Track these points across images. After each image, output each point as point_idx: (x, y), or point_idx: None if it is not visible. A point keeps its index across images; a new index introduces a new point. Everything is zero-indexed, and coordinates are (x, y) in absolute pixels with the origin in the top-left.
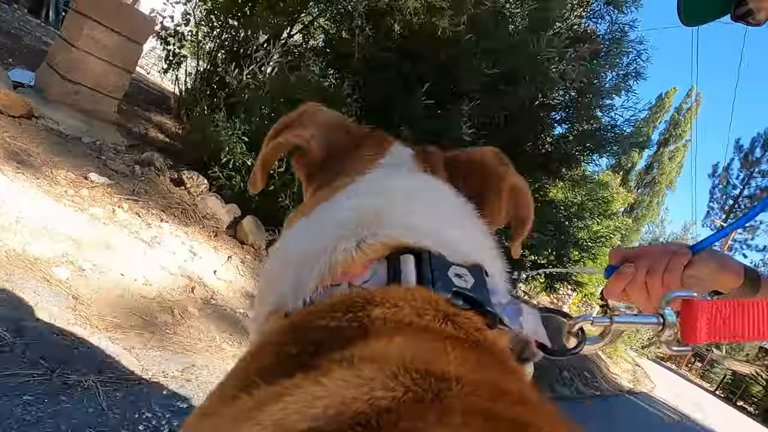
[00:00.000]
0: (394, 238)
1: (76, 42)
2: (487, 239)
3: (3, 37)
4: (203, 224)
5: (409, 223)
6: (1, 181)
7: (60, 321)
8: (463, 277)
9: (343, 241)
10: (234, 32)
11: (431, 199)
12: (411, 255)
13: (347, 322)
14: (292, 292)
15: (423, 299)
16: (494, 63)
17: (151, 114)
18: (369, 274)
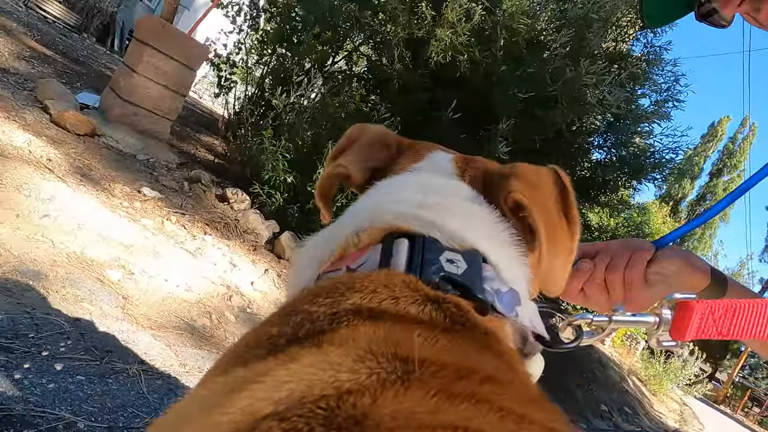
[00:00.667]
0: (392, 224)
1: (137, 68)
2: (501, 235)
3: (73, 63)
4: (244, 238)
5: (411, 211)
6: (66, 191)
7: (110, 317)
8: (456, 263)
9: (346, 227)
10: (281, 59)
11: (446, 197)
12: (405, 239)
13: (325, 308)
14: (303, 276)
15: (403, 284)
16: (529, 89)
17: (200, 135)
18: (364, 258)
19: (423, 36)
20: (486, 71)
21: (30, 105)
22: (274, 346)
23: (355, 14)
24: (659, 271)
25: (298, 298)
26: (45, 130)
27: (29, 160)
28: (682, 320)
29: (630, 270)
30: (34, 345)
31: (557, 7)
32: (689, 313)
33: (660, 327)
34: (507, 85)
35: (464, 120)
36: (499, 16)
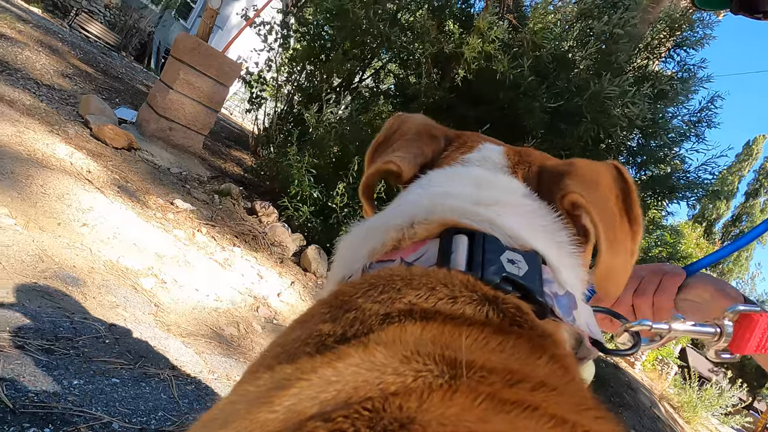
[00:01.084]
0: (450, 219)
1: (173, 84)
2: (558, 235)
3: (112, 80)
4: (271, 251)
5: (468, 207)
6: (104, 202)
7: (143, 323)
8: (517, 263)
9: (399, 217)
10: (310, 77)
11: (502, 194)
12: (464, 236)
13: (378, 305)
14: (350, 263)
15: (462, 283)
16: (556, 103)
17: (231, 149)
18: (421, 251)
19: (451, 52)
20: (513, 84)
21: (72, 119)
22: (323, 344)
23: (383, 32)
24: (690, 298)
25: (352, 290)
26: (85, 144)
27: (70, 172)
28: (743, 333)
29: (659, 295)
30: (73, 348)
31: (584, 24)
32: (752, 325)
33: (721, 339)
34: (533, 98)
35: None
36: (526, 33)
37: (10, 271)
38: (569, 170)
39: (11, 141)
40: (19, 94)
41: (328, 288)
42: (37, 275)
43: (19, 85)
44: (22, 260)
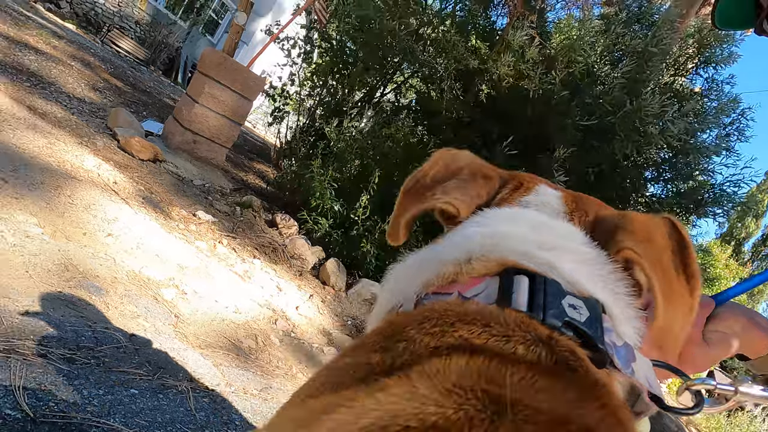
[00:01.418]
0: (509, 259)
1: (198, 98)
2: (615, 285)
3: (140, 94)
4: (290, 263)
5: (528, 249)
6: (128, 212)
7: (163, 334)
8: (578, 309)
9: (456, 251)
10: (332, 91)
11: (561, 239)
12: (525, 276)
13: (430, 338)
14: (403, 293)
15: (517, 322)
16: (589, 121)
17: (253, 162)
18: (480, 287)
19: (475, 68)
20: (543, 100)
21: (101, 132)
22: (370, 373)
23: (406, 47)
24: (720, 330)
25: (405, 321)
26: (113, 155)
27: (97, 183)
28: None
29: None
30: (94, 357)
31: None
32: None
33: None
34: (566, 114)
35: (518, 153)
36: (552, 49)
37: (37, 279)
38: (623, 224)
39: (42, 152)
40: (52, 106)
41: (377, 313)
42: (62, 284)
43: (51, 98)
44: (48, 269)
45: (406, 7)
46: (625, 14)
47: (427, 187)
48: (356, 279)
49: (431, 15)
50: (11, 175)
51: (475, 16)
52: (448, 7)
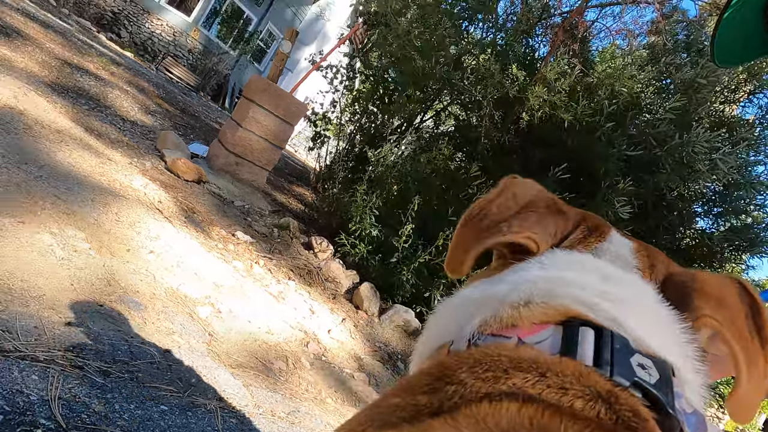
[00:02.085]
0: (573, 309)
1: (242, 122)
2: (686, 348)
3: (189, 118)
4: (324, 286)
5: (596, 301)
6: (171, 231)
7: (196, 351)
8: (647, 369)
9: (514, 294)
10: (373, 117)
11: (633, 295)
12: (591, 329)
13: (482, 383)
14: (457, 331)
15: (575, 375)
16: (634, 151)
17: (293, 185)
18: (542, 335)
19: (515, 95)
20: (585, 129)
21: (150, 153)
22: (417, 414)
23: (445, 75)
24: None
25: (457, 363)
26: (159, 176)
27: (143, 201)
28: None
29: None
30: (128, 371)
31: (660, 69)
32: None
33: None
34: (610, 144)
35: (561, 181)
36: (594, 78)
37: (80, 292)
38: (697, 286)
39: (95, 171)
40: (107, 128)
41: (424, 348)
42: (104, 298)
43: (107, 121)
44: (92, 283)
45: (446, 36)
46: (672, 43)
47: (496, 217)
48: (390, 304)
49: (472, 44)
50: (65, 191)
51: (515, 44)
52: (488, 36)
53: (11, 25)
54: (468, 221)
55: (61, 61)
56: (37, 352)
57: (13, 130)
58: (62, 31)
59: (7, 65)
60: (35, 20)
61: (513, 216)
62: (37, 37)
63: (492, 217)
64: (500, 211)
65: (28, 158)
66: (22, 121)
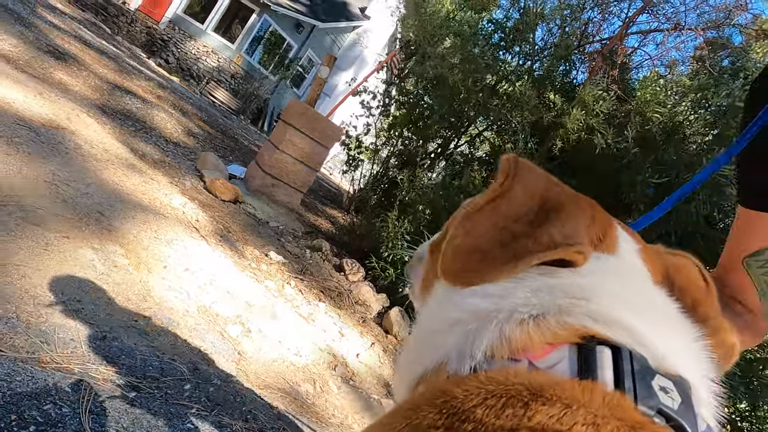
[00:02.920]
0: (589, 326)
1: (279, 144)
2: (702, 364)
3: (229, 140)
4: (354, 309)
5: (612, 316)
6: (206, 249)
7: (225, 370)
8: (669, 393)
9: (522, 309)
10: (407, 142)
11: (650, 303)
12: (608, 348)
13: (503, 422)
14: (457, 353)
15: (605, 405)
16: (661, 178)
17: (326, 207)
18: (554, 357)
19: (550, 121)
20: (616, 155)
21: (190, 173)
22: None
23: (481, 101)
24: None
25: (465, 395)
26: (198, 195)
27: (182, 220)
28: None
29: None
30: (158, 388)
31: (699, 95)
32: None
33: None
34: (637, 171)
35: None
36: (632, 105)
37: (117, 307)
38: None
39: (137, 189)
40: (151, 149)
41: (410, 371)
42: (139, 313)
43: (151, 142)
44: (128, 298)
45: (482, 63)
46: (717, 70)
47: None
48: None
49: (508, 72)
50: (108, 208)
51: (552, 71)
52: (526, 64)
53: (69, 51)
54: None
55: (111, 85)
56: (72, 364)
57: (64, 150)
58: (114, 56)
59: (62, 88)
60: (91, 47)
61: (541, 221)
62: (92, 62)
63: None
64: (524, 214)
65: (76, 176)
66: (73, 141)
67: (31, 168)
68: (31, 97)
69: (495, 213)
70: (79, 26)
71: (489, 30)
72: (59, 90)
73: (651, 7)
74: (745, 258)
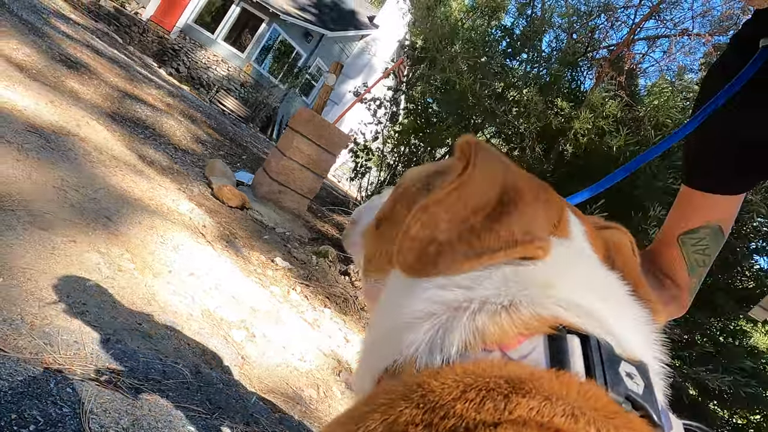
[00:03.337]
0: (559, 314)
1: (287, 151)
2: (655, 345)
3: (237, 147)
4: (360, 315)
5: (574, 301)
6: (212, 254)
7: (227, 374)
8: (634, 379)
9: (492, 299)
10: (414, 148)
11: (606, 287)
12: (576, 336)
13: (484, 415)
14: (428, 346)
15: (581, 396)
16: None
17: (333, 214)
18: (526, 347)
19: (557, 127)
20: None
21: (198, 180)
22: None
23: (488, 107)
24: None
25: (443, 389)
26: (205, 201)
27: (188, 225)
28: None
29: None
30: (159, 390)
31: None
32: None
33: None
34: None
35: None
36: (641, 111)
37: (122, 310)
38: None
39: (145, 195)
40: (159, 156)
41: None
42: (143, 317)
43: (160, 149)
44: (133, 302)
45: (490, 70)
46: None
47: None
48: None
49: (515, 78)
50: (115, 213)
51: (560, 77)
52: (533, 71)
53: (81, 60)
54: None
55: (122, 93)
56: (75, 366)
57: (74, 156)
58: (125, 65)
59: (74, 96)
60: (103, 56)
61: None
62: (103, 71)
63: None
64: (479, 204)
65: (85, 182)
66: (83, 147)
67: (41, 173)
68: (43, 104)
69: (455, 204)
70: (92, 36)
71: (497, 37)
72: (70, 98)
73: (658, 13)
74: (680, 235)
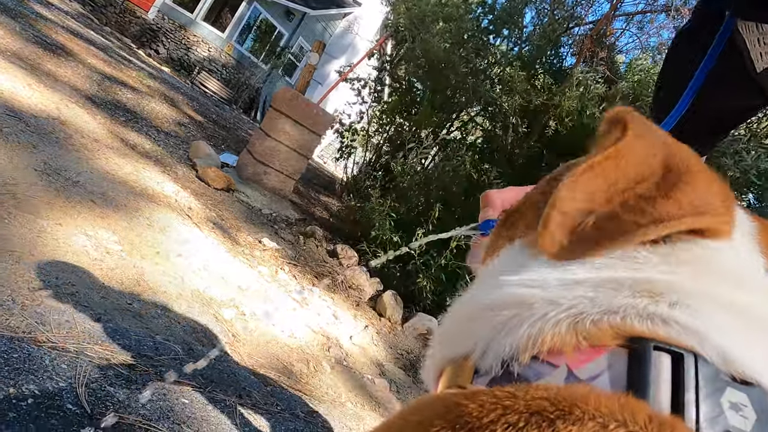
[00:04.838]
0: (635, 325)
1: (270, 132)
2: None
3: (221, 129)
4: (348, 293)
5: (671, 313)
6: (199, 236)
7: (219, 351)
8: (742, 411)
9: (555, 306)
10: (399, 128)
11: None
12: (665, 354)
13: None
14: (485, 344)
15: (654, 424)
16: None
17: (320, 195)
18: (596, 366)
19: (540, 104)
20: None
21: (182, 162)
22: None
23: (472, 85)
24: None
25: (480, 412)
26: (190, 184)
27: (174, 207)
28: None
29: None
30: (152, 366)
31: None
32: None
33: None
34: None
35: None
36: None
37: (111, 291)
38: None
39: (129, 178)
40: (142, 139)
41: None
42: (133, 297)
43: (143, 132)
44: (122, 282)
45: (473, 48)
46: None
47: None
48: (413, 312)
49: (498, 56)
50: (100, 197)
51: (541, 54)
52: (515, 49)
53: (57, 41)
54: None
55: (101, 75)
56: (68, 343)
57: (55, 140)
58: (104, 47)
59: (52, 78)
60: (80, 37)
61: (672, 183)
62: (81, 53)
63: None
64: (644, 174)
65: (67, 165)
66: (64, 131)
67: (22, 158)
68: (20, 87)
69: (612, 173)
70: (67, 17)
71: (479, 13)
72: (48, 80)
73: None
74: None
